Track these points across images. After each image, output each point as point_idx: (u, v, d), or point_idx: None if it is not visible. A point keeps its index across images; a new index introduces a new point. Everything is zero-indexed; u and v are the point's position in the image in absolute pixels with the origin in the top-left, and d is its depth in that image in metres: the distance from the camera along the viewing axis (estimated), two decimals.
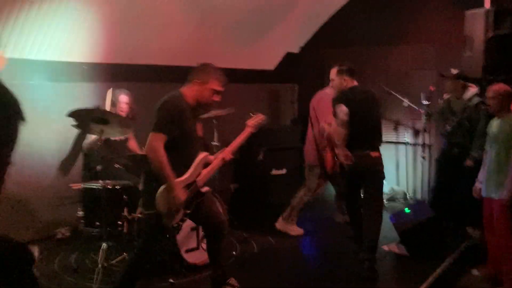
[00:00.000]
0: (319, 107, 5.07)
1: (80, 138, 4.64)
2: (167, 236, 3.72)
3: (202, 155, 3.35)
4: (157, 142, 3.05)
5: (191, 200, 3.27)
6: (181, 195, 3.14)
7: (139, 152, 4.53)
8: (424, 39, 6.67)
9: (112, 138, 4.69)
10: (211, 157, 3.45)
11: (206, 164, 3.38)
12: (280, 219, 5.25)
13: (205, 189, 3.39)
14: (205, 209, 3.39)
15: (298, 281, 4.12)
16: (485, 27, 4.89)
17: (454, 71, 5.00)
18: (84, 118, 3.73)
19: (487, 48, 4.88)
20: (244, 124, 3.69)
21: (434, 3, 6.57)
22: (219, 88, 3.28)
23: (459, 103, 5.01)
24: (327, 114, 4.54)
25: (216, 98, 3.30)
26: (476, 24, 4.95)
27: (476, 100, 4.90)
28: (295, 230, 5.19)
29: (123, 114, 4.67)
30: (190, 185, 3.24)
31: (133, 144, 4.85)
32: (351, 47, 7.25)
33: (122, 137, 4.81)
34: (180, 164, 3.19)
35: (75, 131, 4.84)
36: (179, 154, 3.16)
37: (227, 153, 3.52)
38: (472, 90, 4.98)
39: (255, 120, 3.73)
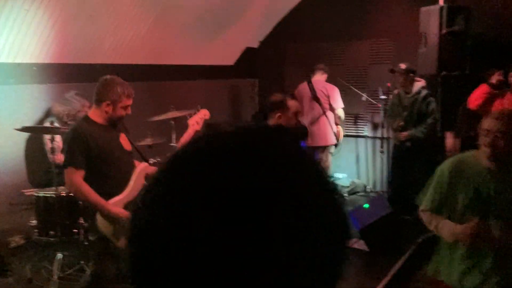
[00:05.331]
0: (333, 95, 5.84)
1: None
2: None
3: (140, 167, 3.16)
4: (72, 176, 2.91)
5: None
6: (122, 213, 2.95)
7: None
8: (382, 34, 6.74)
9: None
10: (152, 167, 3.24)
11: (147, 175, 3.18)
12: None
13: None
14: None
15: None
16: (439, 23, 4.98)
17: (403, 66, 5.16)
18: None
19: (441, 44, 4.97)
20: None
21: None
22: (129, 103, 3.04)
23: (408, 97, 5.17)
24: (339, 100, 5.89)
25: (129, 111, 3.06)
26: (431, 20, 5.03)
27: (424, 92, 5.15)
28: None
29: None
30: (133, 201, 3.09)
31: None
32: (311, 42, 7.26)
33: None
34: (113, 184, 3.03)
35: (25, 135, 4.67)
36: (107, 176, 3.01)
37: None
38: (419, 83, 5.18)
39: (197, 117, 3.51)
